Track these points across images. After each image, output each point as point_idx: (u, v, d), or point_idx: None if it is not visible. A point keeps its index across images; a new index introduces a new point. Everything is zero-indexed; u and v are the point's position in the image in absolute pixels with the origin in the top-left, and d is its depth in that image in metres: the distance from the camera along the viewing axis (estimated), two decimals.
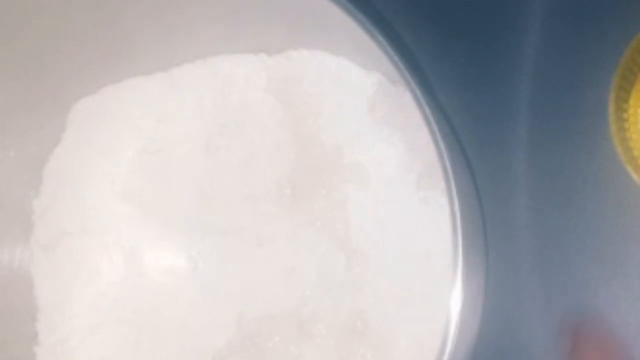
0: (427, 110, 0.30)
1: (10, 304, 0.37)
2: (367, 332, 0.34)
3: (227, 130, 0.36)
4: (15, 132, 0.35)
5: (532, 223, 0.36)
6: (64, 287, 0.35)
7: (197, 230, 0.36)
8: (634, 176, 0.33)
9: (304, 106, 0.36)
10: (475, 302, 0.33)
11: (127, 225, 0.36)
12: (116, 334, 0.35)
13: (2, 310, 0.36)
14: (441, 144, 0.29)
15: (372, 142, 0.36)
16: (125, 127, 0.36)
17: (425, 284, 0.34)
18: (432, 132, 0.29)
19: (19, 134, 0.35)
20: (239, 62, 0.36)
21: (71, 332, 0.35)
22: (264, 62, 0.36)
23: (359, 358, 0.34)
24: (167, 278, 0.36)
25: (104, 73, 0.36)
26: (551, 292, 0.36)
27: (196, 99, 0.36)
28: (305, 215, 0.36)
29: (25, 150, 0.36)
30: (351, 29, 0.30)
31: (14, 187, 0.36)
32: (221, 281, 0.36)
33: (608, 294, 0.35)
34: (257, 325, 0.35)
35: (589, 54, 0.36)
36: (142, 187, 0.36)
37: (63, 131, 0.36)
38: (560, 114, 0.36)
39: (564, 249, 0.36)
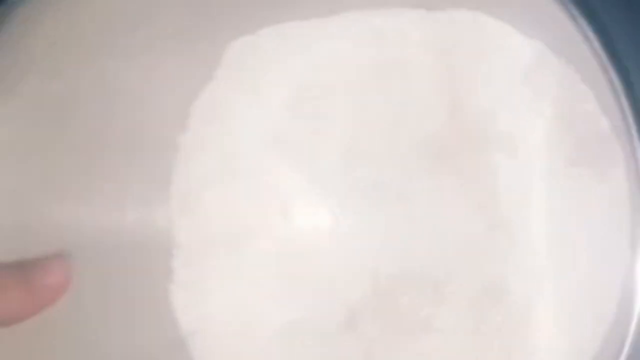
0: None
1: (145, 240, 0.36)
2: (506, 304, 0.34)
3: (378, 84, 0.36)
4: (168, 67, 0.34)
5: None
6: (203, 227, 0.35)
7: (341, 184, 0.35)
8: None
9: (458, 68, 0.36)
10: None
11: (272, 172, 0.35)
12: (253, 281, 0.35)
13: (136, 247, 0.36)
14: (633, 127, 0.29)
15: (524, 111, 0.35)
16: (278, 71, 0.35)
17: (571, 264, 0.34)
18: (624, 118, 0.29)
19: (172, 68, 0.34)
20: (397, 15, 0.36)
21: (208, 273, 0.35)
22: (422, 17, 0.36)
23: (494, 327, 0.35)
24: (308, 230, 0.35)
25: (264, 14, 0.35)
26: None
27: (351, 50, 0.35)
28: (450, 177, 0.36)
29: (177, 86, 0.35)
30: None
31: (159, 124, 0.35)
32: (360, 237, 0.36)
33: None
34: (392, 283, 0.35)
35: None
36: (290, 135, 0.35)
37: (216, 69, 0.35)
38: None
39: None
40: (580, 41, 0.32)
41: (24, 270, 0.32)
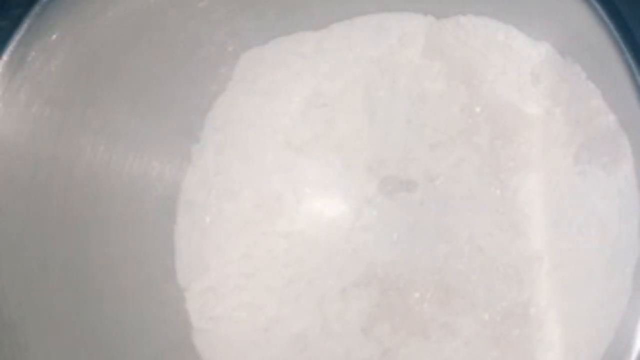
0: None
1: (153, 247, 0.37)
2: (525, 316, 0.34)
3: (389, 88, 0.36)
4: (181, 78, 0.35)
5: None
6: (219, 235, 0.36)
7: (357, 185, 0.36)
8: None
9: (466, 71, 0.36)
10: None
11: (285, 176, 0.36)
12: (265, 283, 0.35)
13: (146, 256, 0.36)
14: None
15: (533, 112, 0.36)
16: (290, 79, 0.36)
17: (581, 259, 0.34)
18: (631, 112, 0.29)
19: (185, 80, 0.35)
20: (407, 22, 0.36)
21: (223, 279, 0.35)
22: (430, 24, 0.36)
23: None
24: (319, 230, 0.36)
25: (276, 25, 0.36)
26: None
27: (361, 55, 0.36)
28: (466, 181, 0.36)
29: (189, 97, 0.36)
30: None
31: (174, 133, 0.36)
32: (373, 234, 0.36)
33: None
34: (408, 287, 0.35)
35: None
36: (305, 140, 0.36)
37: (229, 80, 0.36)
38: None
39: None
40: (585, 40, 0.32)
41: None
